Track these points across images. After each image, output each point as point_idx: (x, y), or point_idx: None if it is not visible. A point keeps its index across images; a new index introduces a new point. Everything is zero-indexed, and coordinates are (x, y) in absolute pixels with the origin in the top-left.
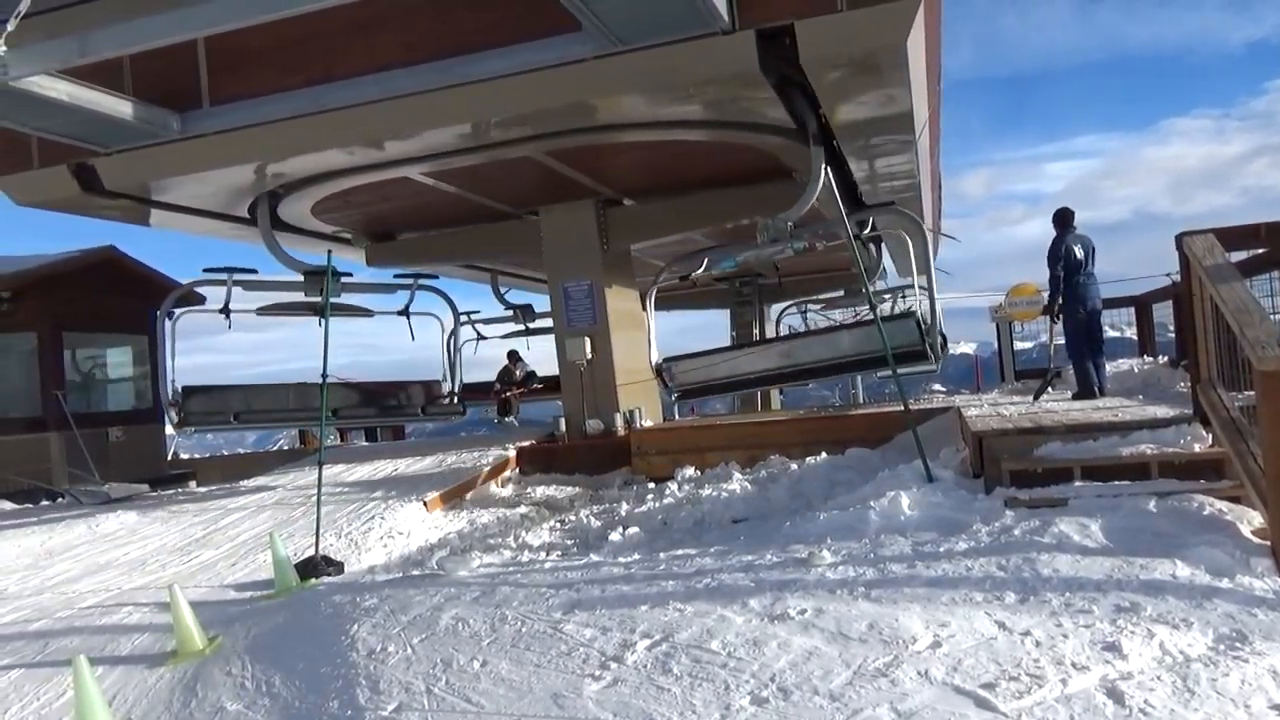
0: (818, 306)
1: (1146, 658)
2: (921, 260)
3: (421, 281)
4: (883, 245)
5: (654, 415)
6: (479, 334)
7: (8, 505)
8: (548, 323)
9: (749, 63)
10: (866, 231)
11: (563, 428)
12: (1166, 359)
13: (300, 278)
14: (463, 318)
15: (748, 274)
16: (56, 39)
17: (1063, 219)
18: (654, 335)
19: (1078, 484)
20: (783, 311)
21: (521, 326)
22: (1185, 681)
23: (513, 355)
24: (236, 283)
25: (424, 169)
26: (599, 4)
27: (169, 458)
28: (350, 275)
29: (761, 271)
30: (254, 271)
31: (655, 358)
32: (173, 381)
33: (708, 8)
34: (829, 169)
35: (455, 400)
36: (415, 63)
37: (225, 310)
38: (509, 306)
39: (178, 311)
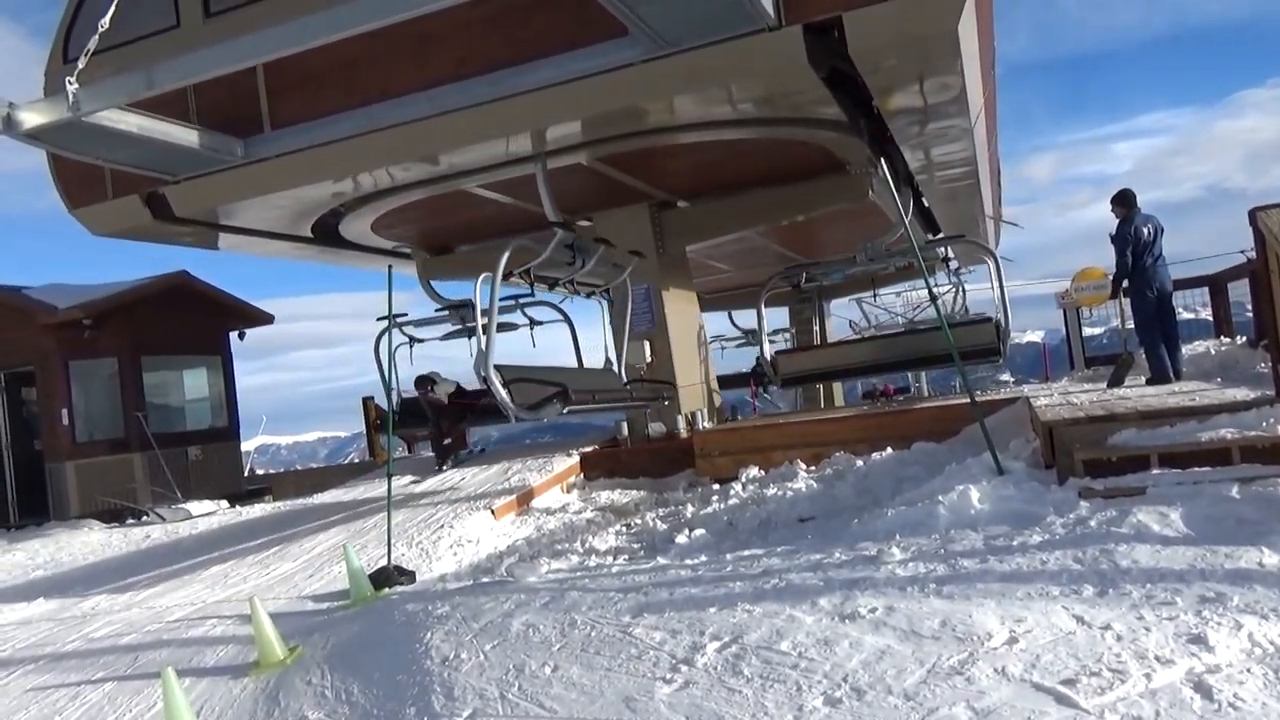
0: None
1: (1234, 649)
2: (997, 284)
3: (524, 300)
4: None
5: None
6: (410, 338)
7: (96, 524)
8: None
9: (797, 58)
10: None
11: (624, 432)
12: (1245, 339)
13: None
14: (385, 321)
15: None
16: (124, 73)
17: (1126, 200)
18: (765, 334)
19: (1155, 472)
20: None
21: (460, 326)
22: (1277, 673)
23: (424, 382)
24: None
25: (479, 181)
26: (645, 7)
27: (246, 474)
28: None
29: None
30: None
31: (769, 352)
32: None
33: (754, 5)
34: (884, 161)
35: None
36: (466, 77)
37: (412, 340)
38: (444, 305)
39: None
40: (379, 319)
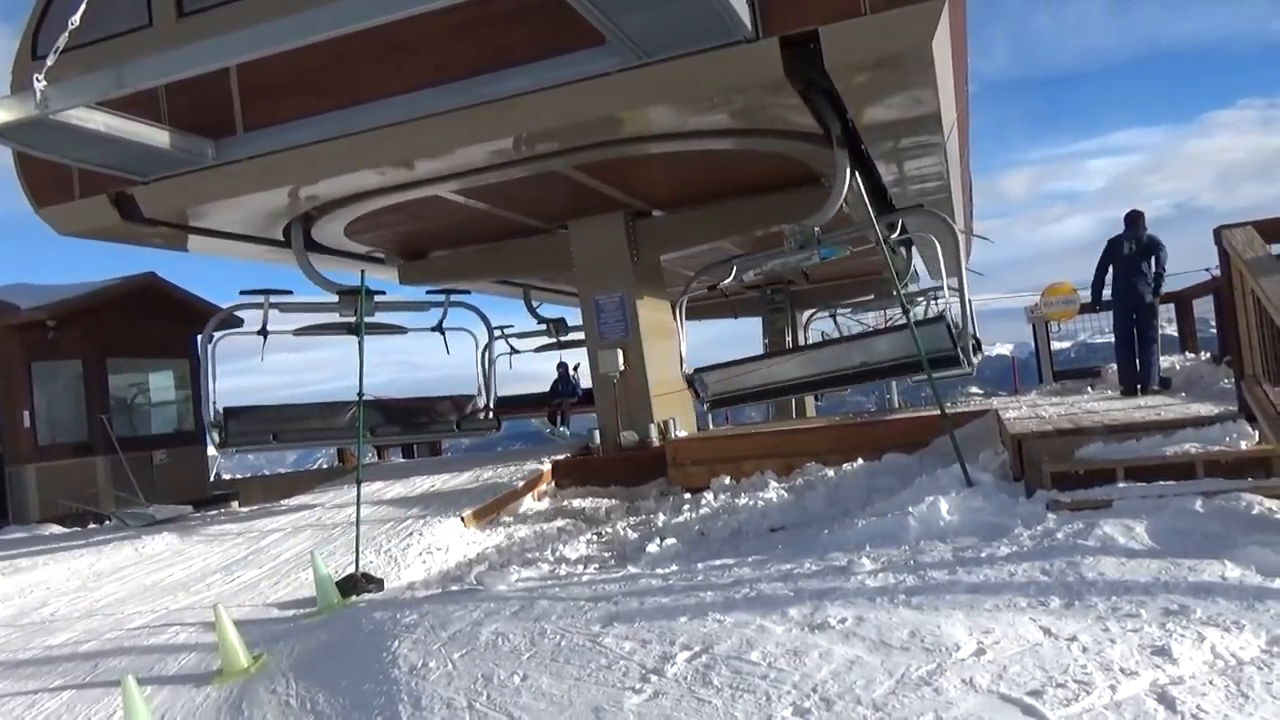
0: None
1: (1197, 661)
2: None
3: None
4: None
5: (688, 425)
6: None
7: (57, 529)
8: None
9: (774, 70)
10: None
11: (597, 440)
12: (1209, 355)
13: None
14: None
15: (779, 281)
16: (94, 72)
17: (1125, 220)
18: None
19: (1121, 485)
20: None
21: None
22: (1238, 685)
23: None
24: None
25: (454, 187)
26: (623, 18)
27: (212, 479)
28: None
29: (790, 278)
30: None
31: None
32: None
33: (731, 17)
34: (856, 172)
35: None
36: (443, 82)
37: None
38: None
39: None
40: (242, 292)
